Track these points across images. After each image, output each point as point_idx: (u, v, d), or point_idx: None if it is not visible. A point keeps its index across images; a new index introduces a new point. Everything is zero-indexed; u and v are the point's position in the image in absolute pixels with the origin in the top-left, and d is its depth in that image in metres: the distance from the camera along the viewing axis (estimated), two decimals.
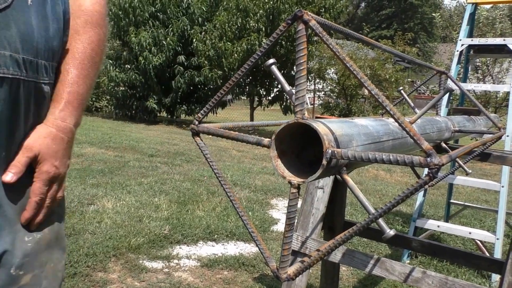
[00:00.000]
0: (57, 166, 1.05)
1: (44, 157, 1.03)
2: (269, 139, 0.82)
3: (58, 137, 1.05)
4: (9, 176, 0.97)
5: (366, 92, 19.30)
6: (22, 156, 1.00)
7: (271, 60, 0.88)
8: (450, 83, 2.87)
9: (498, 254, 3.62)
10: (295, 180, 0.79)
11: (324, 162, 0.74)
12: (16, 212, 1.00)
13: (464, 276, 3.78)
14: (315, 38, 13.40)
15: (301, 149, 0.88)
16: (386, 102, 0.70)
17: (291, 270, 0.82)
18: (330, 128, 0.79)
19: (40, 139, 1.02)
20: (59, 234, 1.13)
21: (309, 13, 0.74)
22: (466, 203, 4.99)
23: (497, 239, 3.64)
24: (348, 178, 0.81)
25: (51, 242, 1.09)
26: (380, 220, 0.76)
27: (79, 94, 1.10)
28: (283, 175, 0.80)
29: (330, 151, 0.74)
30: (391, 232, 0.77)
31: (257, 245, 0.86)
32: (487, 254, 3.99)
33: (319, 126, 0.75)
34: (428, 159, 0.66)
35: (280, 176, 0.81)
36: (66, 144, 1.08)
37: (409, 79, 25.11)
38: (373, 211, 0.75)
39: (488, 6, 11.85)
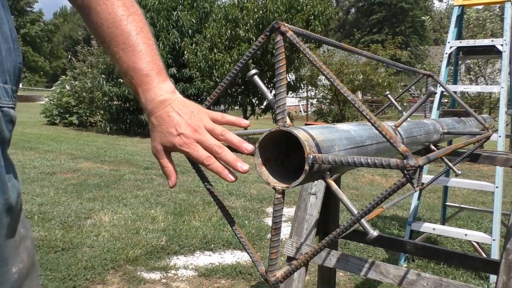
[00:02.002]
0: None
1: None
2: (253, 147, 0.84)
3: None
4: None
5: (359, 97, 19.36)
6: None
7: (253, 71, 0.90)
8: (438, 86, 2.91)
9: (495, 255, 3.61)
10: (279, 186, 0.81)
11: (306, 167, 0.76)
12: (3, 241, 0.93)
13: (462, 278, 3.79)
14: (306, 45, 13.46)
15: (286, 156, 0.91)
16: (363, 107, 0.73)
17: (279, 273, 0.84)
18: (311, 134, 0.82)
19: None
20: (34, 259, 1.07)
21: (286, 24, 0.77)
22: (462, 205, 4.99)
23: (493, 240, 3.63)
24: (331, 182, 0.83)
25: (29, 269, 1.03)
26: (364, 221, 0.78)
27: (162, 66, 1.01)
28: (267, 182, 0.83)
29: (311, 156, 0.76)
30: (374, 233, 0.79)
31: (245, 250, 0.88)
32: (484, 256, 3.99)
33: (299, 133, 0.78)
34: (405, 161, 0.69)
35: (265, 183, 0.83)
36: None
37: (402, 83, 25.20)
38: (355, 212, 0.77)
39: (479, 7, 11.89)
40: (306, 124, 1.24)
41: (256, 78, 0.91)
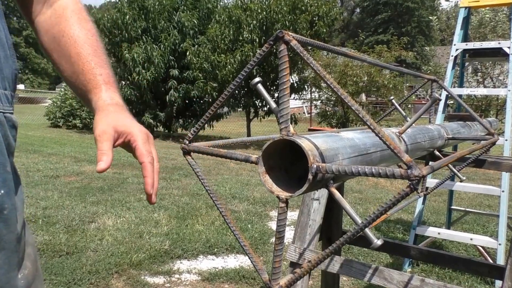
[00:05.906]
0: (140, 129, 1.00)
1: (124, 127, 0.98)
2: (257, 156, 0.84)
3: (120, 109, 1.02)
4: (102, 164, 0.94)
5: (364, 99, 19.33)
6: (101, 142, 0.95)
7: (257, 79, 0.90)
8: (443, 90, 2.89)
9: (501, 260, 3.57)
10: (283, 194, 0.81)
11: (310, 177, 0.76)
12: (13, 245, 0.94)
13: (467, 283, 3.76)
14: (309, 48, 13.46)
15: (290, 164, 0.90)
16: (367, 117, 0.73)
17: (283, 281, 0.84)
18: (314, 143, 0.81)
19: (106, 119, 0.98)
20: (37, 265, 1.08)
21: (290, 33, 0.77)
22: (467, 209, 4.96)
23: (499, 244, 3.59)
24: (334, 191, 0.83)
25: (33, 275, 1.04)
26: (367, 230, 0.78)
27: (110, 75, 1.08)
28: (271, 190, 0.82)
29: (315, 166, 0.76)
30: (378, 242, 0.79)
31: (249, 258, 0.88)
32: (490, 260, 3.94)
33: (303, 142, 0.77)
34: (409, 171, 0.68)
35: (268, 191, 0.83)
36: (129, 114, 1.03)
37: (407, 84, 25.08)
38: (359, 221, 0.77)
39: (488, 9, 11.76)
40: (309, 129, 1.23)
41: (260, 86, 0.90)
